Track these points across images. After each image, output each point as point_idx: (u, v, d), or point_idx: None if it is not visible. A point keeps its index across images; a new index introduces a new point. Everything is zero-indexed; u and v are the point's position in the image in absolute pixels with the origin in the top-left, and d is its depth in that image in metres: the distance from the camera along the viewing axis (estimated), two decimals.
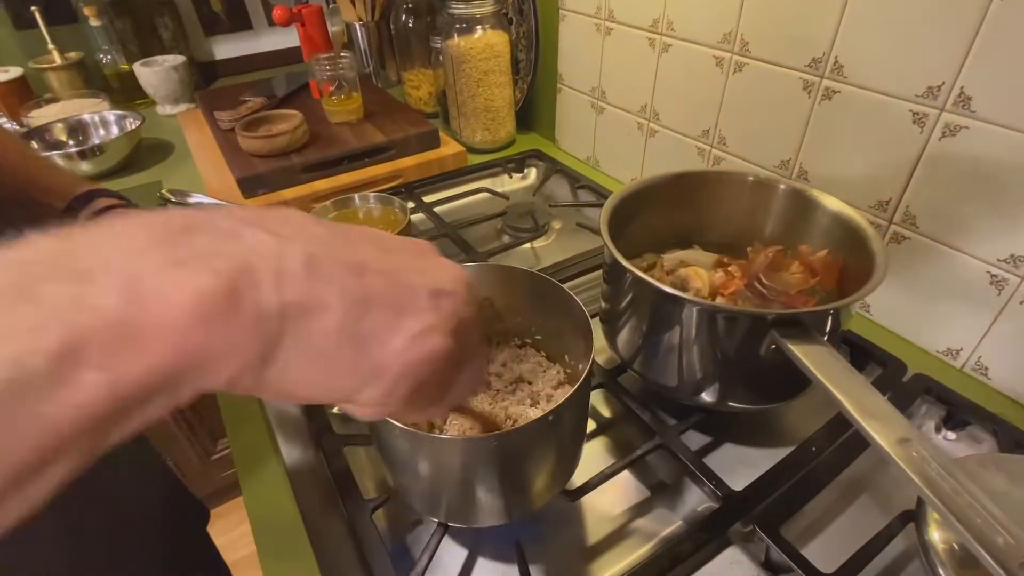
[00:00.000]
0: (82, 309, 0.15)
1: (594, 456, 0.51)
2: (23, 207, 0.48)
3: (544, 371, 0.47)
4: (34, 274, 0.15)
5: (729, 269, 0.52)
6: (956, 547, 0.36)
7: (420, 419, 0.27)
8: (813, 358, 0.38)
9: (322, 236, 0.21)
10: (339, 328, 0.19)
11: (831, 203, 0.50)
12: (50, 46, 1.15)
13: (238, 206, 0.21)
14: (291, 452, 0.50)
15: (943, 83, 0.49)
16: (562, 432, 0.38)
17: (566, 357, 0.47)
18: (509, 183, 0.94)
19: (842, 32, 0.55)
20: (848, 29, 0.54)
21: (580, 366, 0.36)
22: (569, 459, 0.42)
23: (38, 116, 1.05)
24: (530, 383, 0.46)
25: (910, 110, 0.52)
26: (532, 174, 0.96)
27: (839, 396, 0.34)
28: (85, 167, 0.94)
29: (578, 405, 0.39)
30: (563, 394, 0.44)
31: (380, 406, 0.22)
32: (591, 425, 0.53)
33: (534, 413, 0.43)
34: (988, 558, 0.25)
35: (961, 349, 0.56)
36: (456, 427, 0.42)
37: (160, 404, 0.17)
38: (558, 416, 0.35)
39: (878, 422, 0.32)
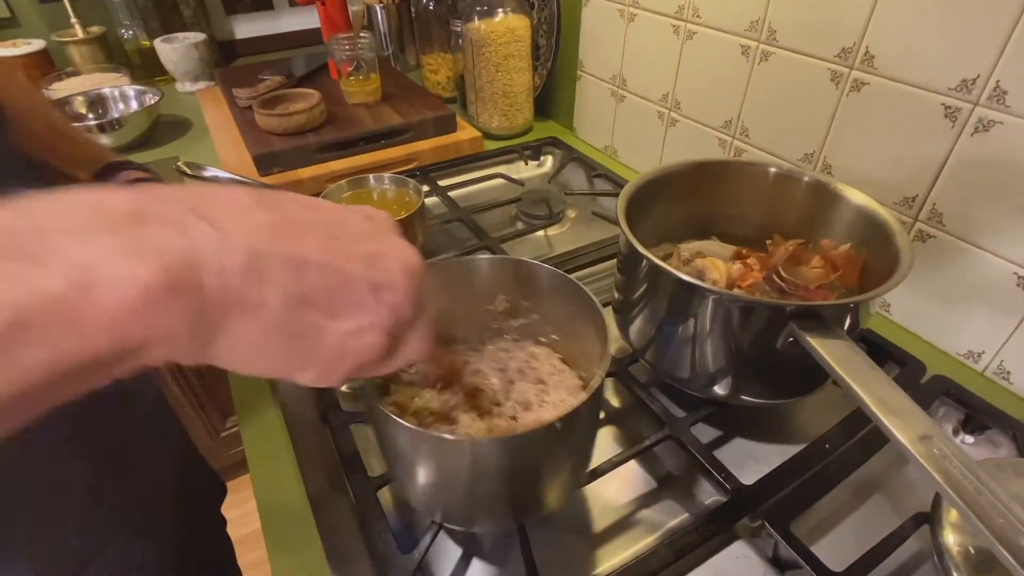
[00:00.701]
0: (30, 290, 0.16)
1: (602, 444, 0.50)
2: (47, 176, 0.48)
3: (559, 373, 0.44)
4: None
5: (748, 261, 0.51)
6: (972, 550, 0.35)
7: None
8: (832, 352, 0.37)
9: (267, 227, 0.21)
10: (275, 326, 0.21)
11: (856, 197, 0.49)
12: (73, 20, 1.16)
13: (192, 187, 0.21)
14: (298, 429, 0.50)
15: (978, 76, 0.48)
16: (570, 441, 0.36)
17: (581, 361, 0.44)
18: (525, 170, 0.93)
19: (874, 21, 0.53)
20: (881, 18, 0.53)
21: (595, 373, 0.34)
22: (574, 471, 0.39)
23: (59, 88, 1.06)
24: (543, 384, 0.44)
25: (942, 104, 0.50)
26: (548, 162, 0.95)
27: (859, 391, 0.33)
28: (104, 140, 0.95)
29: (589, 414, 0.38)
30: (576, 400, 0.41)
31: (316, 383, 0.24)
32: (600, 414, 0.53)
33: (547, 415, 0.41)
34: (1010, 559, 0.24)
35: (983, 352, 0.54)
36: (465, 426, 0.39)
37: (95, 380, 0.18)
38: (567, 424, 0.32)
39: (899, 418, 0.31)
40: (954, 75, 0.49)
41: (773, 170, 0.54)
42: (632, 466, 0.48)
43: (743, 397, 0.47)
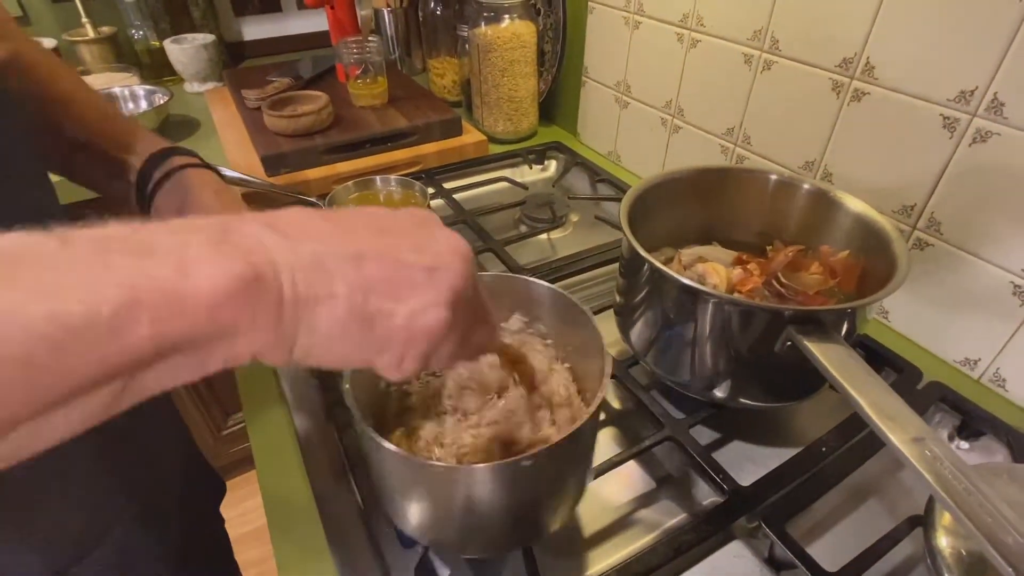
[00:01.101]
0: (142, 275, 0.19)
1: (602, 445, 0.51)
2: (102, 164, 0.49)
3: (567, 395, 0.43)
4: (109, 248, 0.19)
5: (748, 266, 0.52)
6: (964, 553, 0.36)
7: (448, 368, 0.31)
8: (829, 356, 0.37)
9: (325, 231, 0.24)
10: (347, 312, 0.23)
11: (855, 205, 0.50)
12: (84, 20, 1.17)
13: (256, 213, 0.24)
14: (304, 425, 0.51)
15: (976, 87, 0.48)
16: (560, 469, 0.35)
17: (585, 379, 0.43)
18: (529, 174, 0.94)
19: (875, 33, 0.54)
20: (882, 30, 0.54)
21: (592, 397, 0.34)
22: (563, 501, 0.38)
23: None
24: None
25: (941, 114, 0.51)
26: (552, 166, 0.96)
27: (854, 394, 0.34)
28: None
29: (581, 441, 0.36)
30: (557, 433, 0.40)
31: (398, 370, 0.26)
32: (600, 415, 0.53)
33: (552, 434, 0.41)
34: (998, 557, 0.24)
35: (979, 360, 0.55)
36: (451, 451, 0.38)
37: (192, 365, 0.21)
38: (551, 454, 0.31)
39: (893, 421, 0.32)
40: (953, 87, 0.50)
41: (774, 177, 0.55)
42: (632, 466, 0.49)
43: (742, 400, 0.47)
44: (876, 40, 0.54)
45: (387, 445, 0.30)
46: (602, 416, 0.53)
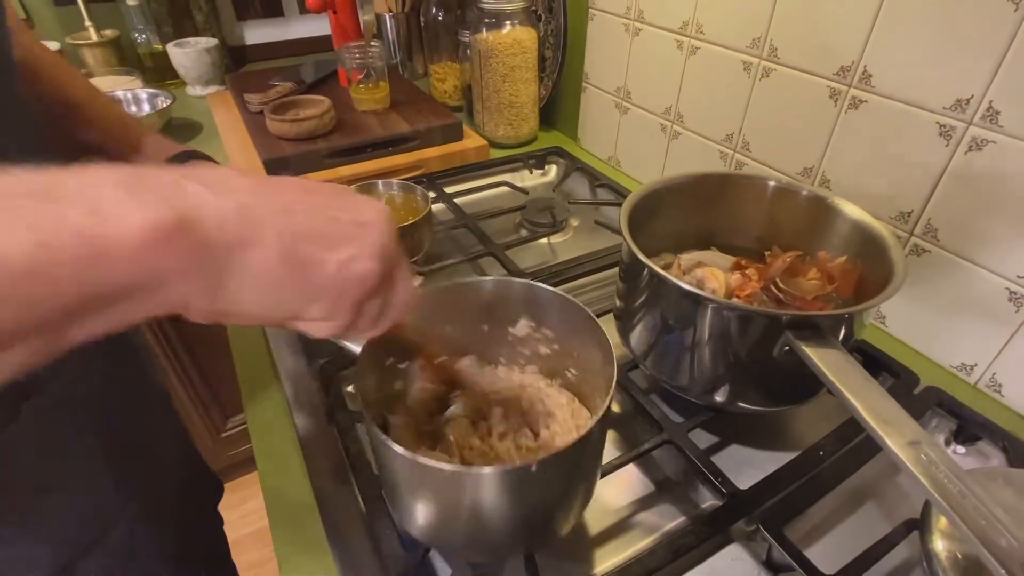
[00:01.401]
0: (54, 220, 0.18)
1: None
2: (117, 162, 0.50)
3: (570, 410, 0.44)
4: (14, 191, 0.18)
5: (746, 272, 0.53)
6: (959, 556, 0.36)
7: (370, 334, 0.31)
8: (826, 361, 0.38)
9: (248, 186, 0.24)
10: (278, 257, 0.23)
11: (852, 211, 0.51)
12: (87, 23, 1.18)
13: (178, 166, 0.24)
14: (305, 427, 0.52)
15: (971, 96, 0.49)
16: (567, 476, 0.35)
17: (589, 392, 0.44)
18: (530, 178, 0.94)
19: (872, 41, 0.55)
20: (879, 39, 0.54)
21: (597, 408, 0.35)
22: (569, 507, 0.38)
23: None
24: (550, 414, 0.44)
25: (937, 122, 0.52)
26: (553, 171, 0.97)
27: (851, 399, 0.34)
28: None
29: (587, 448, 0.36)
30: (570, 435, 0.42)
31: (327, 322, 0.26)
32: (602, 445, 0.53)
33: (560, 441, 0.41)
34: (991, 558, 0.25)
35: (976, 365, 0.56)
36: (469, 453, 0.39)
37: (121, 312, 0.20)
38: (557, 460, 0.32)
39: (889, 425, 0.32)
40: (949, 95, 0.51)
41: (772, 183, 0.56)
42: (631, 469, 0.49)
43: (740, 404, 0.48)
44: (873, 49, 0.55)
45: (395, 447, 0.30)
46: None
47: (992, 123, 0.49)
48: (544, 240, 0.79)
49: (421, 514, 0.36)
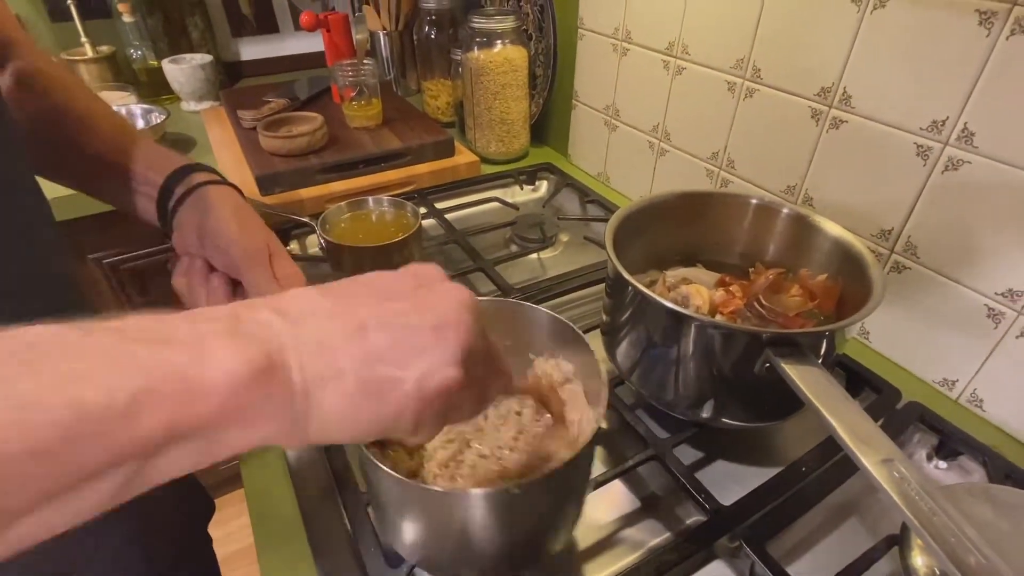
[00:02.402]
0: (160, 363, 0.19)
1: None
2: (123, 179, 0.50)
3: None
4: (129, 337, 0.20)
5: (731, 288, 0.53)
6: (938, 572, 0.37)
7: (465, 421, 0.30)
8: (805, 378, 0.39)
9: (326, 308, 0.24)
10: (355, 387, 0.23)
11: (832, 229, 0.52)
12: (83, 39, 1.19)
13: (264, 298, 0.25)
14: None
15: (947, 118, 0.50)
16: (554, 498, 0.36)
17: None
18: (520, 194, 0.95)
19: (851, 64, 0.56)
20: (857, 62, 0.56)
21: (588, 425, 0.35)
22: (557, 528, 0.39)
23: None
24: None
25: (914, 143, 0.53)
26: (543, 187, 0.98)
27: (827, 415, 0.35)
28: None
29: (576, 470, 0.37)
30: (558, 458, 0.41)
31: (418, 434, 0.26)
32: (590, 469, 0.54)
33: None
34: (959, 575, 0.25)
35: (957, 380, 0.56)
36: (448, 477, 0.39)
37: (202, 452, 0.21)
38: (545, 483, 0.33)
39: (863, 443, 0.33)
40: (925, 116, 0.52)
41: (754, 201, 0.57)
42: (617, 485, 0.49)
43: (724, 420, 0.48)
44: (852, 71, 0.56)
45: (383, 467, 0.31)
46: None
47: (967, 144, 0.50)
48: (534, 256, 0.80)
49: (408, 532, 0.36)
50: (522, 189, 0.95)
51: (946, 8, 0.48)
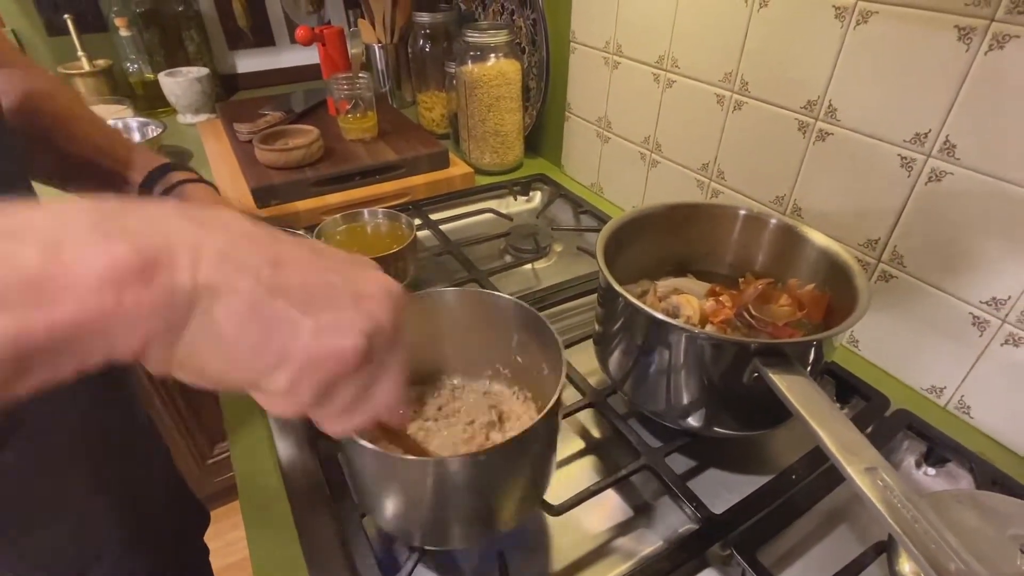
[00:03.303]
0: (3, 261, 0.17)
1: (580, 474, 0.52)
2: (103, 180, 0.50)
3: (521, 403, 0.49)
4: None
5: (720, 298, 0.54)
6: None
7: (336, 428, 0.26)
8: (792, 387, 0.39)
9: (249, 232, 0.22)
10: (246, 309, 0.20)
11: (819, 239, 0.52)
12: (80, 53, 1.20)
13: (178, 202, 0.23)
14: (288, 455, 0.52)
15: (930, 130, 0.51)
16: (527, 458, 0.38)
17: (543, 389, 0.46)
18: (514, 205, 0.96)
19: (836, 78, 0.57)
20: (842, 75, 0.57)
21: (550, 397, 0.37)
22: (534, 486, 0.41)
23: None
24: (502, 418, 0.47)
25: (898, 155, 0.54)
26: (537, 197, 0.98)
27: (813, 424, 0.36)
28: None
29: (544, 434, 0.39)
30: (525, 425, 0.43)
31: (288, 397, 0.22)
32: (579, 444, 0.55)
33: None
34: None
35: (945, 387, 0.57)
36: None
37: (66, 362, 0.18)
38: (522, 442, 0.36)
39: (848, 451, 0.33)
40: (908, 129, 0.53)
41: (743, 212, 0.58)
42: (610, 494, 0.50)
43: (715, 429, 0.49)
44: (837, 84, 0.58)
45: (361, 442, 0.33)
46: (582, 445, 0.55)
47: (949, 155, 0.51)
48: (528, 266, 0.81)
49: (388, 505, 0.38)
50: (516, 200, 0.96)
51: (926, 24, 0.49)
